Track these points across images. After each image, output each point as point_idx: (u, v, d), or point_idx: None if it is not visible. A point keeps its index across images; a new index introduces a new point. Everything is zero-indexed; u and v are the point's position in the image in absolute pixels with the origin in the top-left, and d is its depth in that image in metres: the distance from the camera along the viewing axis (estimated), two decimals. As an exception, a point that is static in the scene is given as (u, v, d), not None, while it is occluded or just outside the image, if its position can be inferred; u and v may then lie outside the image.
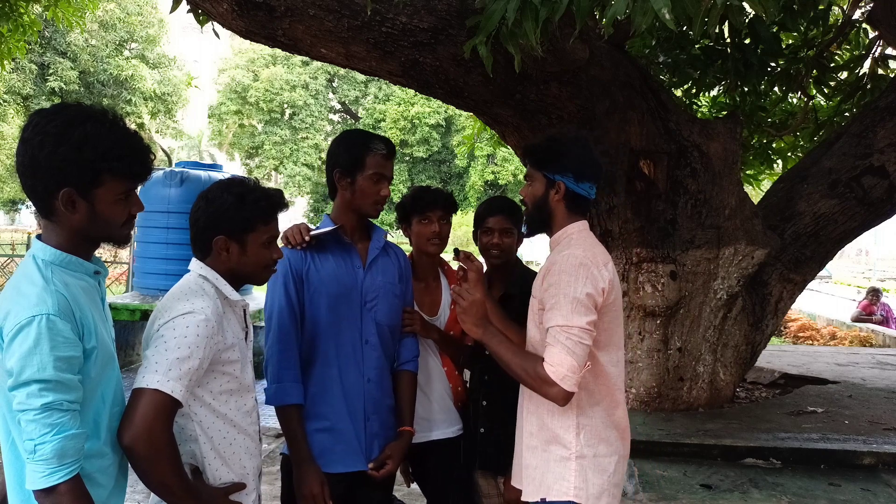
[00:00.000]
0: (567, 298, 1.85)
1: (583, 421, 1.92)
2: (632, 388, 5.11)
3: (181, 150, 35.81)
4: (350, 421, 2.17)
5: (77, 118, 1.45)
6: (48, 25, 16.60)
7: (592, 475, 1.91)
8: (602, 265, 1.92)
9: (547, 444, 1.96)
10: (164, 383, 1.54)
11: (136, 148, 1.52)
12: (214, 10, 3.88)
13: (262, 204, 1.79)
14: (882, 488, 3.97)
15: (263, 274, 1.86)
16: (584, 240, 1.98)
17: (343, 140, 2.28)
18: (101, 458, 1.52)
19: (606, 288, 1.90)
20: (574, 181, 1.98)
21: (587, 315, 1.84)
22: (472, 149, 10.09)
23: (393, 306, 2.29)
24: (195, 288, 1.72)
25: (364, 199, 2.20)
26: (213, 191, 1.80)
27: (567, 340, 1.82)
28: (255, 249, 1.79)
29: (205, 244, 1.78)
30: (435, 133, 33.04)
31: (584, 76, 4.24)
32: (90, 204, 1.47)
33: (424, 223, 2.51)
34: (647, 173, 4.84)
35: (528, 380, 1.90)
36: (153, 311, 1.73)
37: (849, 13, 6.03)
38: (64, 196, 1.44)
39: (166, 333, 1.59)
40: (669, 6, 2.46)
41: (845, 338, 10.45)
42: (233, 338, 1.75)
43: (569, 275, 1.87)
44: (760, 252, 4.97)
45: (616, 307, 1.98)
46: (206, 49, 60.67)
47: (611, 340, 1.97)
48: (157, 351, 1.57)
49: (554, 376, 1.81)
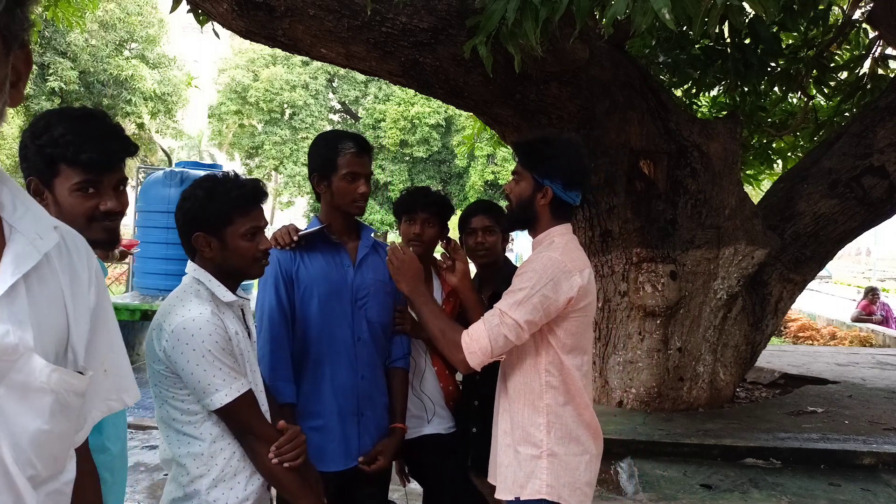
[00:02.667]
0: (523, 291, 1.87)
1: (552, 419, 1.95)
2: (632, 388, 5.11)
3: (181, 150, 35.80)
4: (343, 419, 2.18)
5: (48, 112, 1.48)
6: (48, 25, 16.58)
7: (564, 473, 1.94)
8: (577, 272, 1.92)
9: (518, 442, 1.98)
10: (230, 394, 1.64)
11: (92, 136, 1.44)
12: (214, 10, 3.88)
13: (233, 195, 1.75)
14: (882, 488, 3.97)
15: (254, 267, 1.82)
16: (565, 244, 1.99)
17: (315, 144, 2.31)
18: (103, 453, 1.54)
19: (575, 296, 1.91)
20: (562, 188, 1.98)
21: (530, 314, 1.86)
22: (472, 149, 10.10)
23: (384, 304, 2.30)
24: (190, 291, 1.73)
25: (343, 199, 2.21)
26: (189, 189, 1.79)
27: (496, 326, 1.86)
28: (235, 242, 1.75)
29: (188, 244, 1.78)
30: (435, 133, 33.00)
31: (584, 76, 4.24)
32: (53, 195, 1.45)
33: (408, 224, 2.54)
34: (647, 173, 4.84)
35: (442, 341, 1.98)
36: (155, 313, 1.74)
37: (849, 13, 6.03)
38: (30, 185, 1.45)
39: (189, 357, 1.64)
40: (669, 6, 2.46)
41: (845, 338, 10.45)
42: (234, 336, 1.75)
43: (535, 272, 1.90)
44: (760, 252, 4.97)
45: (586, 313, 1.99)
46: (206, 49, 60.63)
47: (578, 345, 1.99)
48: (196, 376, 1.64)
49: (465, 347, 1.89)
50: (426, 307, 2.06)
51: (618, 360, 5.18)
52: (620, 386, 5.16)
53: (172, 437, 1.70)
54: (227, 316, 1.76)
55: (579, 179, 2.00)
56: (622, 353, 5.14)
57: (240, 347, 1.75)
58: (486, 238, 2.57)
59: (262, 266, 1.86)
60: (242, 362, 1.78)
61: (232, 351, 1.69)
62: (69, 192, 1.43)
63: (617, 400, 5.18)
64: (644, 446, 4.35)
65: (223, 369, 1.64)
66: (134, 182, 11.15)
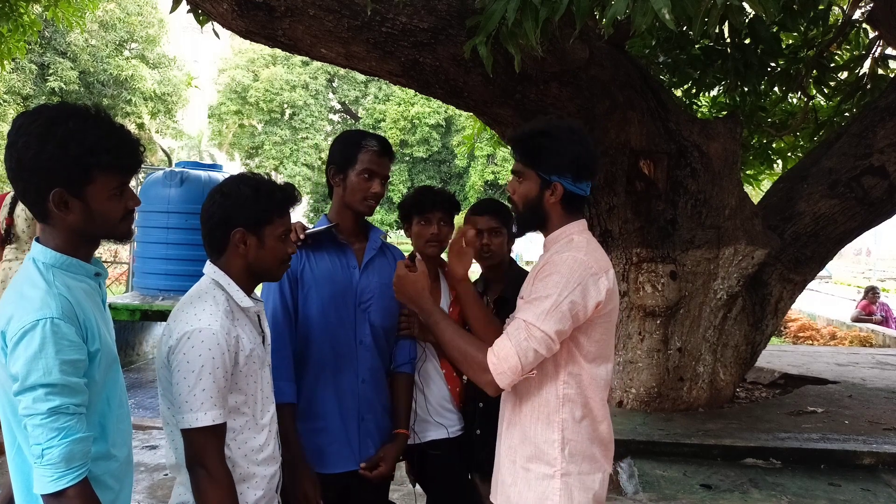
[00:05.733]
0: (549, 299, 1.70)
1: (568, 436, 1.80)
2: (632, 388, 5.11)
3: (181, 150, 35.77)
4: (343, 421, 2.17)
5: (59, 116, 1.41)
6: (48, 25, 16.59)
7: (578, 493, 1.80)
8: (603, 273, 1.77)
9: (528, 460, 1.83)
10: (202, 419, 1.60)
11: (124, 140, 1.48)
12: (214, 10, 3.87)
13: (277, 196, 1.79)
14: (882, 488, 3.97)
15: (280, 269, 1.85)
16: (586, 242, 1.82)
17: (339, 138, 2.31)
18: (109, 460, 1.52)
19: (602, 300, 1.75)
20: (572, 182, 1.81)
21: (559, 324, 1.70)
22: (472, 149, 10.10)
23: (388, 307, 2.28)
24: (205, 296, 1.71)
25: (354, 196, 2.20)
26: (228, 185, 1.79)
27: (525, 341, 1.69)
28: (272, 242, 1.77)
29: (221, 240, 1.76)
30: (435, 133, 33.01)
31: (584, 76, 4.23)
32: (84, 202, 1.44)
33: (423, 224, 2.49)
34: (647, 173, 4.84)
35: (464, 364, 1.81)
36: (169, 315, 1.73)
37: (849, 13, 6.03)
38: (55, 197, 1.41)
39: (181, 367, 1.61)
40: (669, 6, 2.46)
41: (845, 338, 10.45)
42: (249, 343, 1.73)
43: (562, 276, 1.72)
44: (760, 252, 4.97)
45: (611, 318, 1.85)
46: (206, 49, 60.63)
47: (601, 353, 1.85)
48: (179, 388, 1.61)
49: (493, 368, 1.71)
50: (440, 325, 1.87)
51: (618, 360, 5.18)
52: (620, 386, 5.16)
53: (179, 441, 1.68)
54: (242, 322, 1.74)
55: (589, 168, 1.83)
56: (622, 353, 5.14)
57: (252, 358, 1.73)
58: (491, 240, 2.52)
59: (284, 269, 1.88)
60: (254, 370, 1.76)
61: (227, 372, 1.65)
62: (107, 198, 1.46)
63: (617, 400, 5.18)
64: (644, 446, 4.35)
65: (206, 391, 1.60)
66: (134, 182, 11.20)
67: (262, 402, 1.80)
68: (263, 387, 1.80)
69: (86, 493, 1.40)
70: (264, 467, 1.79)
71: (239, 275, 1.77)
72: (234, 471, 1.70)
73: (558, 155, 1.81)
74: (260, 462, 1.78)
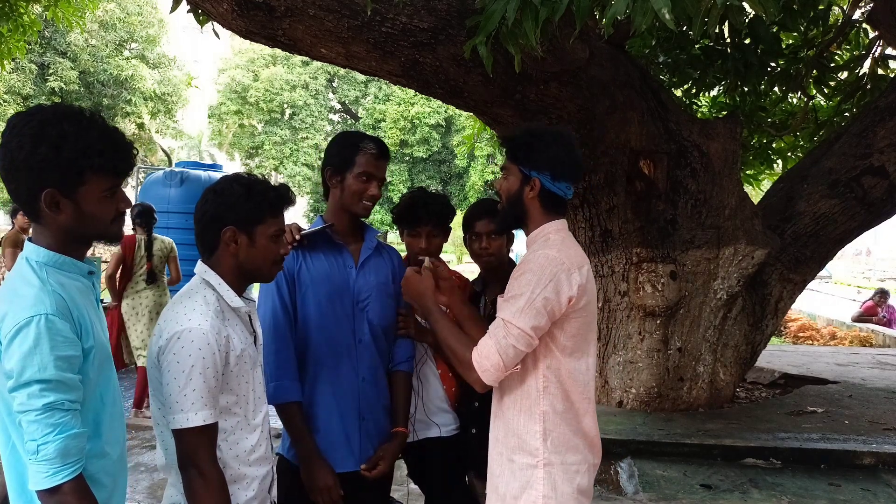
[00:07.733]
0: (524, 297, 1.78)
1: (549, 427, 1.86)
2: (632, 388, 5.11)
3: (181, 150, 35.79)
4: (343, 421, 2.17)
5: (54, 117, 1.42)
6: (48, 25, 16.59)
7: (561, 483, 1.84)
8: (576, 269, 1.83)
9: (512, 451, 1.90)
10: (192, 420, 1.59)
11: (117, 143, 1.49)
12: (214, 10, 3.87)
13: (270, 195, 1.79)
14: (882, 488, 3.97)
15: (271, 269, 1.84)
16: (561, 241, 1.90)
17: (336, 140, 2.30)
18: (103, 458, 1.52)
19: (575, 295, 1.82)
20: (550, 179, 1.89)
21: (535, 320, 1.77)
22: (472, 149, 10.09)
23: (386, 306, 2.28)
24: (196, 295, 1.71)
25: (352, 198, 2.20)
26: (221, 183, 1.79)
27: (503, 338, 1.78)
28: (263, 242, 1.77)
29: (212, 238, 1.76)
30: (435, 133, 33.00)
31: (584, 76, 4.23)
32: (75, 203, 1.45)
33: (413, 237, 2.53)
34: (647, 173, 4.84)
35: (455, 362, 1.93)
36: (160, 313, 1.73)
37: (849, 13, 6.03)
38: (46, 197, 1.42)
39: (171, 367, 1.60)
40: (669, 6, 2.46)
41: (845, 338, 10.45)
42: (240, 343, 1.73)
43: (534, 273, 1.80)
44: (760, 252, 4.97)
45: (587, 312, 1.89)
46: (206, 49, 60.66)
47: (578, 348, 1.89)
48: (170, 388, 1.60)
49: (477, 365, 1.82)
50: (438, 325, 1.98)
51: (618, 360, 5.18)
52: (620, 386, 5.16)
53: (169, 442, 1.68)
54: (233, 322, 1.74)
55: (568, 170, 1.91)
56: (622, 353, 5.14)
57: (243, 358, 1.73)
58: (490, 243, 2.53)
59: (277, 270, 1.87)
60: (246, 371, 1.75)
61: (218, 372, 1.64)
62: (98, 200, 1.47)
63: (617, 400, 5.18)
64: (644, 446, 4.35)
65: (197, 391, 1.60)
66: (134, 182, 11.15)
67: (254, 403, 1.80)
68: (255, 387, 1.79)
69: (81, 488, 1.40)
70: (256, 468, 1.79)
71: (229, 274, 1.77)
72: (225, 471, 1.69)
73: (538, 152, 1.91)
74: (252, 463, 1.77)
